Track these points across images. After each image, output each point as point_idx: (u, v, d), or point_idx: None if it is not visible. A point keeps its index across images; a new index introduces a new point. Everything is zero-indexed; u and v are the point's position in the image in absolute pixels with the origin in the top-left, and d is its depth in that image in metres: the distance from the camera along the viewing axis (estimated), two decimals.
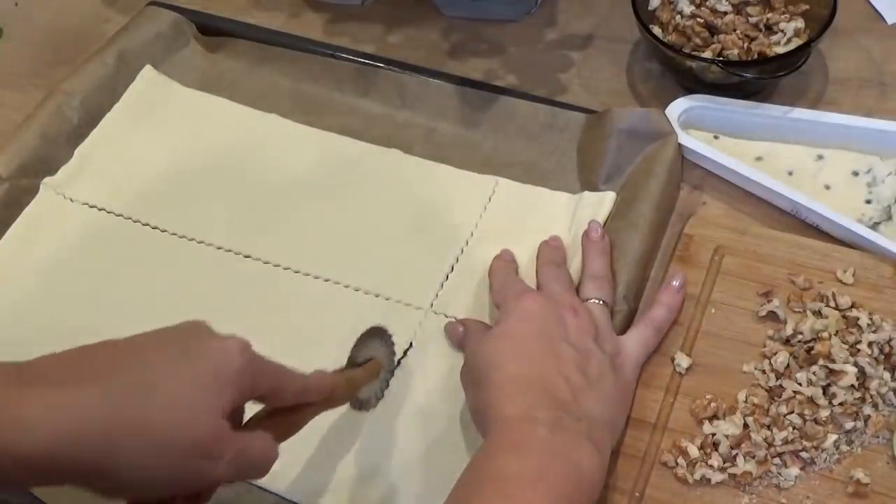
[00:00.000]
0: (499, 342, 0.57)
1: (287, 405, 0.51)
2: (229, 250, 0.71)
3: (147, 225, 0.73)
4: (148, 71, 0.83)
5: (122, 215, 0.74)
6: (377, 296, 0.68)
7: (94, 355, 0.44)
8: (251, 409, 0.50)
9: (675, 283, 0.63)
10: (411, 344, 0.65)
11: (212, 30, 0.87)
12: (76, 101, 0.80)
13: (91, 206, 0.75)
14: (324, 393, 0.53)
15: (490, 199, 0.72)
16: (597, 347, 0.57)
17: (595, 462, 0.51)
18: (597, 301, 0.61)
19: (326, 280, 0.69)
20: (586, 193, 0.70)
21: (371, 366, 0.60)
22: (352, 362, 0.60)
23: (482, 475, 0.50)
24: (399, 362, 0.64)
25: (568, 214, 0.70)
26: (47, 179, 0.76)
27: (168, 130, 0.80)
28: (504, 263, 0.66)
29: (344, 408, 0.59)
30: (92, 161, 0.78)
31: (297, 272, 0.70)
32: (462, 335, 0.63)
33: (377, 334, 0.61)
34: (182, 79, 0.84)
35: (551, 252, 0.66)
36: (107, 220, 0.74)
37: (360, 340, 0.60)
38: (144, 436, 0.42)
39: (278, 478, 0.59)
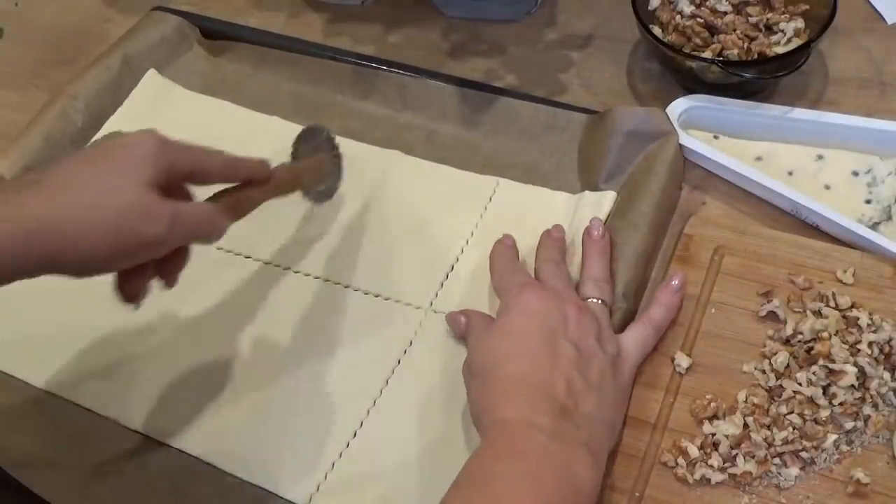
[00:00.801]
0: (500, 338, 0.57)
1: (219, 181, 0.58)
2: (230, 251, 0.72)
3: None
4: (152, 74, 0.84)
5: None
6: (377, 296, 0.68)
7: (32, 173, 0.53)
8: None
9: (674, 282, 0.63)
10: (411, 342, 0.65)
11: (215, 34, 0.88)
12: (81, 104, 0.80)
13: None
14: (261, 174, 0.59)
15: (491, 199, 0.72)
16: (598, 348, 0.57)
17: (592, 473, 0.51)
18: (596, 300, 0.61)
19: (326, 280, 0.69)
20: (587, 193, 0.70)
21: (314, 160, 0.67)
22: (294, 158, 0.67)
23: (478, 479, 0.50)
24: (399, 360, 0.64)
25: (568, 214, 0.70)
26: None
27: (171, 133, 0.79)
28: (505, 248, 0.66)
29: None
30: None
31: (297, 272, 0.70)
32: (464, 326, 0.63)
33: (315, 132, 0.68)
34: (185, 82, 0.84)
35: (552, 245, 0.65)
36: None
37: (300, 138, 0.67)
38: (82, 218, 0.49)
39: (276, 476, 0.59)
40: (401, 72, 0.80)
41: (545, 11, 0.86)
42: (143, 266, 0.54)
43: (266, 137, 0.79)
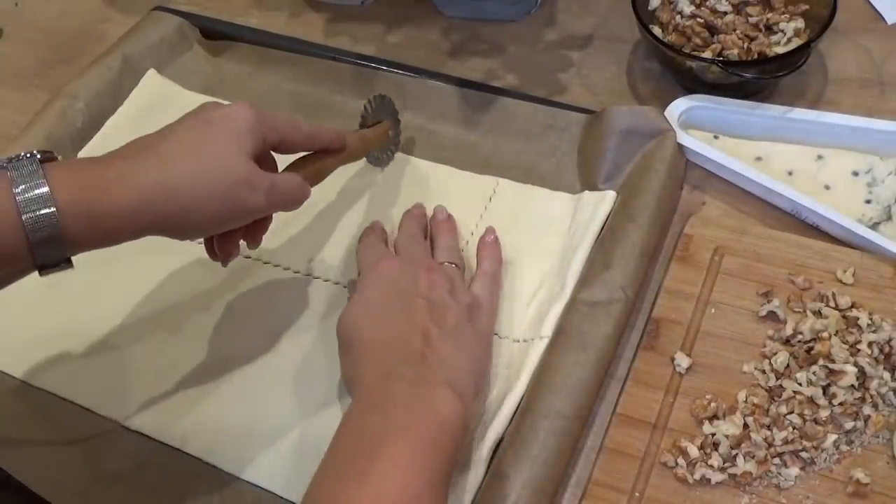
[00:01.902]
0: (357, 308, 0.60)
1: (301, 150, 0.63)
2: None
3: None
4: (152, 74, 0.84)
5: None
6: None
7: (145, 139, 0.56)
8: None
9: (487, 238, 0.68)
10: None
11: (215, 34, 0.88)
12: (81, 104, 0.80)
13: None
14: (336, 143, 0.65)
15: (490, 199, 0.72)
16: (452, 299, 0.60)
17: (455, 406, 0.53)
18: (449, 263, 0.65)
19: (326, 280, 0.69)
20: (586, 193, 0.70)
21: (380, 127, 0.72)
22: (362, 125, 0.72)
23: (349, 436, 0.52)
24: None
25: (568, 214, 0.70)
26: None
27: None
28: (372, 233, 0.69)
29: None
30: None
31: (296, 272, 0.70)
32: None
33: (382, 101, 0.73)
34: (185, 82, 0.84)
35: (411, 221, 0.69)
36: None
37: (367, 107, 0.72)
38: (194, 184, 0.54)
39: (278, 476, 0.59)
40: (400, 72, 0.80)
41: (545, 11, 0.86)
42: (235, 229, 0.59)
43: None
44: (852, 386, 0.57)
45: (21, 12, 0.96)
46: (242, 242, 0.62)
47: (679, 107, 0.73)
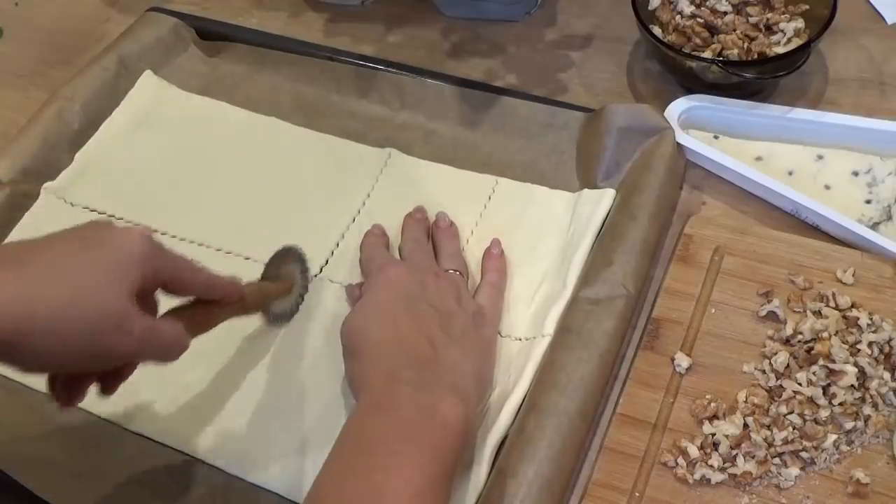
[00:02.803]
0: (364, 311, 0.60)
1: (191, 294, 0.56)
2: (230, 252, 0.71)
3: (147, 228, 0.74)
4: (148, 76, 0.84)
5: (122, 219, 0.74)
6: None
7: (9, 248, 0.50)
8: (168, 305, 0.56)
9: (493, 250, 0.68)
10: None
11: (211, 34, 0.88)
12: (77, 106, 0.80)
13: (92, 210, 0.75)
14: (232, 295, 0.58)
15: (490, 198, 0.72)
16: (458, 307, 0.61)
17: (459, 411, 0.53)
18: (454, 271, 0.65)
19: (332, 282, 0.69)
20: (586, 191, 0.70)
21: (284, 282, 0.66)
22: (265, 277, 0.65)
23: (353, 437, 0.53)
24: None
25: (568, 212, 0.70)
26: (48, 184, 0.76)
27: (168, 134, 0.80)
28: (374, 238, 0.69)
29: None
30: (92, 165, 0.78)
31: None
32: (357, 298, 0.65)
33: (292, 255, 0.67)
34: (182, 83, 0.84)
35: (414, 226, 0.69)
36: None
37: (274, 258, 0.66)
38: (55, 310, 0.46)
39: (281, 477, 0.59)
40: (399, 71, 0.80)
41: (545, 11, 0.86)
42: (91, 372, 0.53)
43: (263, 138, 0.79)
44: (852, 386, 0.57)
45: (21, 12, 0.96)
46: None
47: (679, 107, 0.73)
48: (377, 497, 0.48)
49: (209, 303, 0.57)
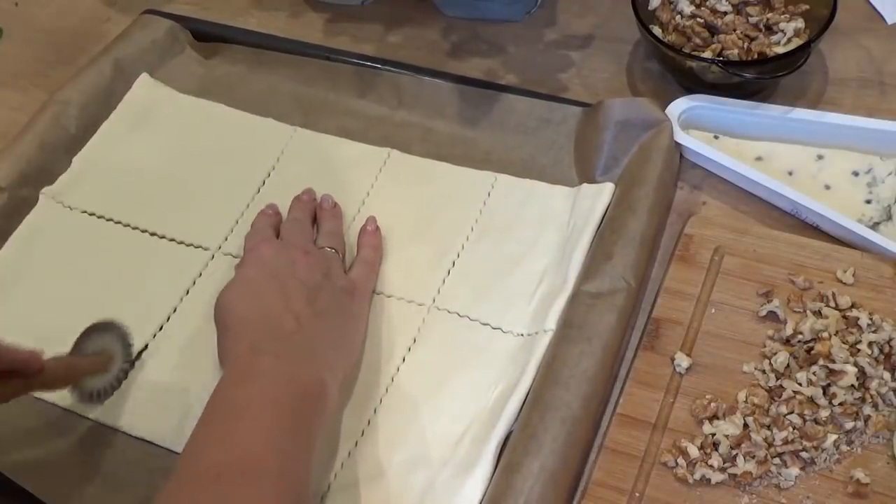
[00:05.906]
0: (234, 288, 0.62)
1: None
2: (228, 254, 0.72)
3: (146, 231, 0.74)
4: (144, 78, 0.83)
5: (121, 222, 0.74)
6: (379, 293, 0.68)
7: None
8: None
9: (368, 227, 0.70)
10: (415, 340, 0.65)
11: (207, 36, 0.88)
12: (73, 110, 0.80)
13: (90, 214, 0.75)
14: (30, 365, 0.57)
15: (489, 194, 0.72)
16: (327, 282, 0.63)
17: (317, 377, 0.56)
18: (329, 249, 0.67)
19: None
20: (585, 186, 0.71)
21: (99, 358, 0.63)
22: (76, 352, 0.62)
23: (217, 407, 0.54)
24: (404, 358, 0.65)
25: (567, 207, 0.70)
26: (46, 189, 0.76)
27: (165, 137, 0.80)
28: (263, 217, 0.71)
29: None
30: (90, 169, 0.78)
31: None
32: None
33: (112, 329, 0.64)
34: (178, 85, 0.84)
35: (297, 207, 0.71)
36: (106, 227, 0.74)
37: (87, 332, 0.63)
38: None
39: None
40: (396, 70, 0.80)
41: (545, 11, 0.86)
42: None
43: (260, 139, 0.79)
44: (852, 386, 0.57)
45: (21, 12, 0.96)
46: None
47: (679, 107, 0.73)
48: (241, 459, 0.50)
49: (6, 375, 0.56)
